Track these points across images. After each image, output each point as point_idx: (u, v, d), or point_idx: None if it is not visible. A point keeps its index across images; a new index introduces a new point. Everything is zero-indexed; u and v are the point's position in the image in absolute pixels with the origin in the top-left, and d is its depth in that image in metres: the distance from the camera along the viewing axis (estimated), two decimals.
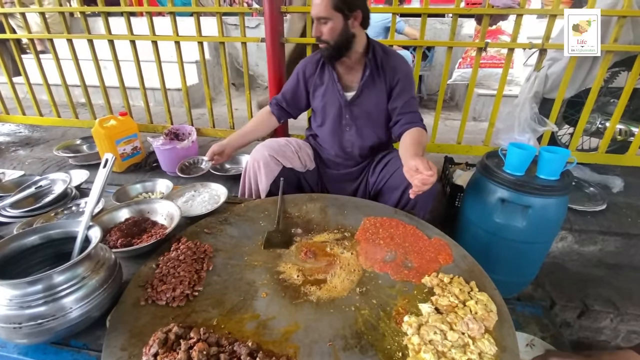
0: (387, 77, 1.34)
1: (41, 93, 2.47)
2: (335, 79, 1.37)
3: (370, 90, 1.36)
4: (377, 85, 1.35)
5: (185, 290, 0.80)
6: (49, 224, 0.81)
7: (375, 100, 1.37)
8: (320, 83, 1.42)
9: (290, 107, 1.51)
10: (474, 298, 0.80)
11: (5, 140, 2.57)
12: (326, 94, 1.41)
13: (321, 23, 1.23)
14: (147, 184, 1.33)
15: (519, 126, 1.70)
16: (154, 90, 3.21)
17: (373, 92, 1.36)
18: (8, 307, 0.65)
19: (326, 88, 1.40)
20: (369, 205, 1.24)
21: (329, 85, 1.40)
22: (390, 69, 1.34)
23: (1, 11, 2.15)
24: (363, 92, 1.36)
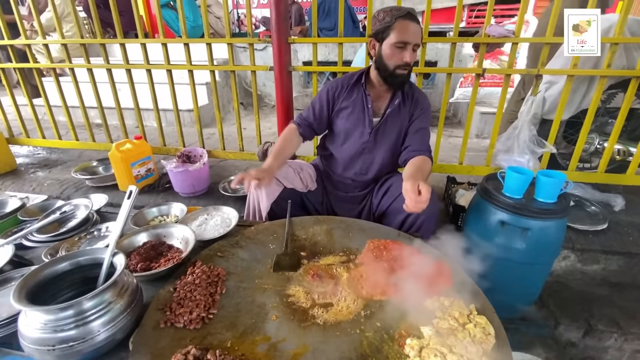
0: (411, 108, 1.42)
1: (58, 114, 2.60)
2: (368, 103, 1.41)
3: (395, 118, 1.42)
4: (402, 114, 1.42)
5: (201, 313, 0.85)
6: (77, 251, 0.88)
7: (398, 128, 1.43)
8: (346, 106, 1.45)
9: (318, 125, 1.51)
10: (473, 321, 0.84)
11: (25, 162, 2.69)
12: (352, 117, 1.45)
13: (414, 50, 1.28)
14: (163, 208, 1.41)
15: (518, 148, 1.75)
16: (166, 112, 3.35)
17: (397, 120, 1.43)
18: (42, 331, 0.71)
19: (352, 111, 1.44)
20: (373, 227, 1.29)
21: (356, 109, 1.44)
22: (414, 100, 1.43)
23: (26, 42, 2.30)
24: (388, 119, 1.42)
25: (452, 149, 2.82)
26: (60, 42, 2.23)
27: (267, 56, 1.89)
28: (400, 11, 1.26)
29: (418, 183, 1.11)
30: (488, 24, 1.62)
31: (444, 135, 3.40)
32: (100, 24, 2.11)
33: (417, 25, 1.27)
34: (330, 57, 4.61)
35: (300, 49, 4.64)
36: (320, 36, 4.39)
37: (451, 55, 1.75)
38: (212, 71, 2.10)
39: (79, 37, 2.21)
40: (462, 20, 4.48)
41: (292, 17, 4.75)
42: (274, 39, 1.79)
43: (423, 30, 1.29)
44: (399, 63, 1.29)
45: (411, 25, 1.25)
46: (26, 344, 0.71)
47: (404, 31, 1.25)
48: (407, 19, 1.25)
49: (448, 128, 3.61)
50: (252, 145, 2.30)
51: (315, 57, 1.89)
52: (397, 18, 1.25)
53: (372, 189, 1.56)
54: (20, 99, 2.64)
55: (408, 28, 1.25)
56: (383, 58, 1.31)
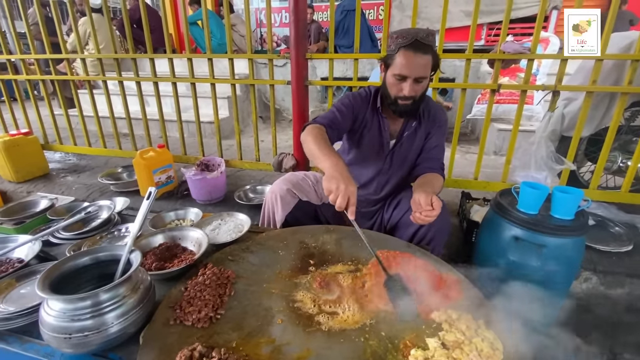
0: (427, 126, 1.40)
1: (89, 124, 2.77)
2: (385, 127, 1.39)
3: (411, 139, 1.41)
4: (419, 134, 1.40)
5: (209, 313, 0.88)
6: (97, 247, 0.93)
7: (414, 148, 1.42)
8: (365, 125, 1.41)
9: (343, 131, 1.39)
10: (481, 335, 0.83)
11: (57, 167, 2.86)
12: (369, 139, 1.42)
13: (418, 82, 1.21)
14: (180, 212, 1.47)
15: (535, 164, 1.72)
16: (189, 123, 3.49)
17: (413, 141, 1.41)
18: (61, 319, 0.75)
19: (371, 132, 1.41)
20: (383, 239, 1.29)
21: (374, 131, 1.41)
22: (430, 118, 1.39)
23: (66, 56, 2.50)
24: (405, 142, 1.41)
25: (469, 165, 2.78)
26: (96, 56, 2.40)
27: (287, 72, 1.96)
28: (405, 39, 1.16)
29: (431, 196, 1.10)
30: (503, 40, 1.63)
31: (461, 151, 3.36)
32: (132, 41, 2.28)
33: (423, 56, 1.17)
34: (347, 74, 4.71)
35: (319, 66, 4.76)
36: (339, 53, 4.51)
37: (466, 70, 1.76)
38: (233, 85, 2.20)
39: (113, 53, 2.38)
40: (480, 38, 4.49)
41: (312, 35, 4.91)
42: (292, 55, 1.87)
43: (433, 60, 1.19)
44: (398, 95, 1.25)
45: (414, 58, 1.17)
46: (45, 331, 0.75)
47: (404, 64, 1.18)
48: (411, 49, 1.16)
49: (465, 144, 3.57)
50: (268, 157, 2.36)
51: (331, 72, 1.95)
52: (401, 48, 1.17)
53: (383, 204, 1.56)
54: (56, 108, 2.84)
55: (409, 61, 1.17)
56: (386, 85, 1.29)
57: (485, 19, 4.35)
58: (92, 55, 2.44)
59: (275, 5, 5.68)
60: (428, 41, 1.17)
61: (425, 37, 1.16)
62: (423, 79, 1.22)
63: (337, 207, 0.98)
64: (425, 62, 1.18)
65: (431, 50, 1.19)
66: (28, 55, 2.57)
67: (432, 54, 1.19)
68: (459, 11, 4.33)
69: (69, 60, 2.56)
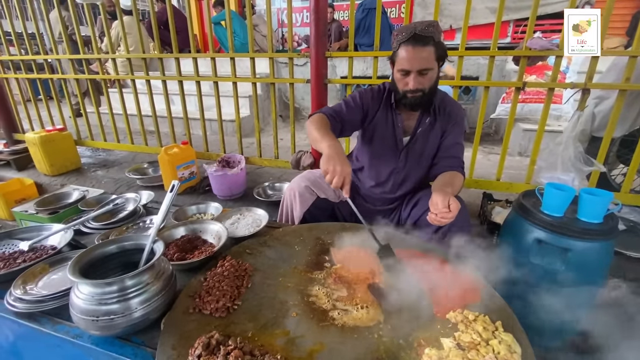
0: (443, 123, 1.38)
1: (118, 121, 2.91)
2: (399, 123, 1.38)
3: (426, 135, 1.39)
4: (434, 130, 1.38)
5: (227, 303, 0.90)
6: (123, 236, 0.98)
7: (430, 145, 1.40)
8: (378, 121, 1.41)
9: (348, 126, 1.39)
10: (498, 338, 0.81)
11: (88, 161, 3.02)
12: (382, 136, 1.42)
13: (422, 74, 1.22)
14: (201, 206, 1.52)
15: (562, 165, 1.65)
16: (211, 121, 3.59)
17: (429, 137, 1.39)
18: (90, 303, 0.80)
19: (384, 129, 1.41)
20: (402, 237, 1.27)
21: (387, 127, 1.40)
22: (446, 114, 1.37)
23: (97, 56, 2.63)
24: (419, 138, 1.39)
25: (492, 166, 2.70)
26: (125, 56, 2.51)
27: (307, 71, 1.98)
28: (404, 35, 1.19)
29: (449, 197, 1.09)
30: (530, 36, 1.57)
31: (483, 152, 3.27)
32: (160, 42, 2.36)
33: (423, 48, 1.18)
34: (368, 72, 4.68)
35: (339, 65, 4.76)
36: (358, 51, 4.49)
37: (489, 68, 1.71)
38: (254, 83, 2.24)
39: (141, 53, 2.48)
40: (506, 35, 4.34)
41: (332, 34, 4.91)
42: (312, 53, 1.88)
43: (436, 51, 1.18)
44: (405, 89, 1.26)
45: (413, 51, 1.18)
46: (75, 313, 0.80)
47: (405, 58, 1.21)
48: (410, 43, 1.18)
49: (488, 145, 3.47)
50: (287, 154, 2.39)
51: (350, 71, 1.95)
52: (401, 43, 1.21)
53: (400, 202, 1.55)
54: (88, 106, 2.99)
55: (409, 54, 1.19)
56: (394, 81, 1.31)
57: (512, 15, 4.20)
58: (122, 55, 2.56)
59: (297, 5, 5.72)
60: (428, 32, 1.17)
61: (425, 29, 1.17)
62: (427, 71, 1.21)
63: (333, 186, 1.07)
64: (427, 54, 1.19)
65: (432, 41, 1.18)
66: (63, 56, 2.71)
67: (434, 45, 1.19)
68: (484, 8, 4.20)
69: (101, 61, 2.70)
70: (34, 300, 0.92)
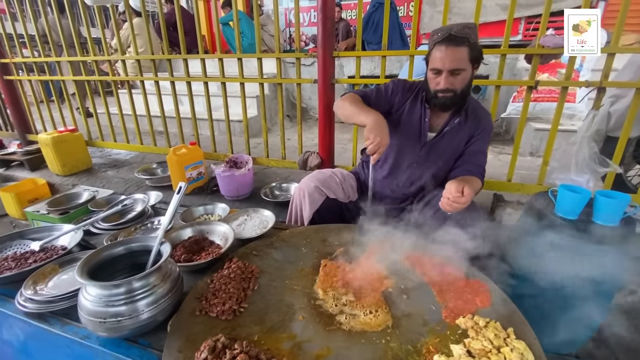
0: (472, 127, 1.37)
1: (128, 122, 2.94)
2: (426, 117, 1.38)
3: (452, 135, 1.38)
4: (461, 132, 1.37)
5: (233, 306, 0.90)
6: (131, 238, 0.98)
7: (454, 146, 1.39)
8: (405, 112, 1.41)
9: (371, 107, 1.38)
10: (510, 345, 0.79)
11: (99, 162, 3.06)
12: (407, 127, 1.41)
13: (454, 75, 1.23)
14: (208, 207, 1.52)
15: (576, 166, 1.61)
16: (219, 122, 3.61)
17: (455, 138, 1.38)
18: (97, 304, 0.80)
19: (409, 120, 1.41)
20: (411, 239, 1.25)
21: (414, 119, 1.40)
22: (476, 119, 1.37)
23: (107, 58, 2.66)
24: (445, 135, 1.38)
25: (503, 166, 2.64)
26: (134, 57, 2.54)
27: (314, 71, 1.96)
28: (439, 36, 1.22)
29: (463, 185, 1.09)
30: (542, 34, 1.53)
31: (494, 152, 3.21)
32: (168, 43, 2.38)
33: (456, 48, 1.19)
34: (375, 72, 4.64)
35: (346, 64, 4.73)
36: (367, 50, 4.45)
37: (500, 66, 1.68)
38: (261, 84, 2.23)
39: (150, 54, 2.50)
40: (517, 32, 4.25)
41: (340, 34, 4.89)
42: (319, 53, 1.87)
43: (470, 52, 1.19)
44: (436, 88, 1.27)
45: (446, 51, 1.19)
46: (83, 314, 0.81)
47: (437, 57, 1.23)
48: (444, 43, 1.20)
49: (499, 144, 3.41)
50: (294, 155, 2.39)
51: (358, 70, 1.94)
52: (435, 44, 1.23)
53: (410, 202, 1.53)
54: (99, 107, 3.03)
55: (442, 54, 1.21)
56: (427, 81, 1.31)
57: (524, 12, 4.11)
58: (131, 56, 2.59)
59: (304, 4, 5.71)
60: (463, 33, 1.18)
61: (460, 30, 1.18)
62: (460, 71, 1.22)
63: (368, 151, 1.18)
64: (460, 54, 1.19)
65: (467, 42, 1.19)
66: (74, 58, 2.75)
67: (468, 46, 1.19)
68: (494, 5, 4.13)
69: (111, 62, 2.73)
70: (44, 301, 0.93)
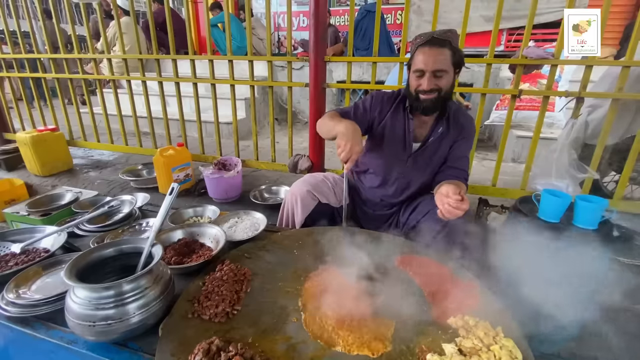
0: (454, 134, 1.38)
1: (112, 122, 2.86)
2: (410, 128, 1.38)
3: (437, 144, 1.39)
4: (444, 140, 1.39)
5: (226, 308, 0.89)
6: (122, 239, 0.96)
7: (438, 154, 1.41)
8: (388, 125, 1.41)
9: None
10: (499, 343, 0.81)
11: (80, 162, 2.97)
12: (394, 141, 1.42)
13: (437, 76, 1.23)
14: (198, 209, 1.50)
15: (556, 172, 1.68)
16: (207, 123, 3.57)
17: (439, 147, 1.40)
18: (86, 307, 0.77)
19: (394, 133, 1.41)
20: (403, 242, 1.27)
21: (398, 132, 1.40)
22: (458, 126, 1.38)
23: (93, 56, 2.59)
24: (429, 147, 1.39)
25: (487, 172, 2.73)
26: (121, 56, 2.49)
27: (304, 75, 1.98)
28: (422, 39, 1.24)
29: (460, 189, 1.10)
30: (526, 45, 1.60)
31: (478, 158, 3.31)
32: (156, 44, 2.34)
33: (439, 49, 1.21)
34: (364, 77, 4.71)
35: (335, 69, 4.79)
36: (355, 56, 4.51)
37: (486, 76, 1.74)
38: (252, 86, 2.23)
39: (138, 54, 2.46)
40: (500, 43, 4.42)
41: (328, 39, 4.94)
42: (311, 57, 1.89)
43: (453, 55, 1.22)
44: (418, 89, 1.27)
45: (430, 52, 1.21)
46: (71, 318, 0.78)
47: (420, 59, 1.23)
48: (427, 45, 1.22)
49: (482, 151, 3.51)
50: (284, 158, 2.39)
51: (349, 75, 1.96)
52: (418, 47, 1.24)
53: (399, 207, 1.55)
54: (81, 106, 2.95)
55: (425, 55, 1.22)
56: (409, 85, 1.33)
57: (506, 24, 4.28)
58: (118, 55, 2.53)
59: (293, 9, 5.74)
60: (445, 37, 1.21)
61: (443, 34, 1.21)
62: (442, 72, 1.22)
63: (341, 159, 1.14)
64: (443, 56, 1.21)
65: (449, 44, 1.21)
66: (57, 55, 2.67)
67: (450, 49, 1.21)
68: (478, 16, 4.27)
69: (96, 61, 2.66)
70: (28, 305, 0.89)
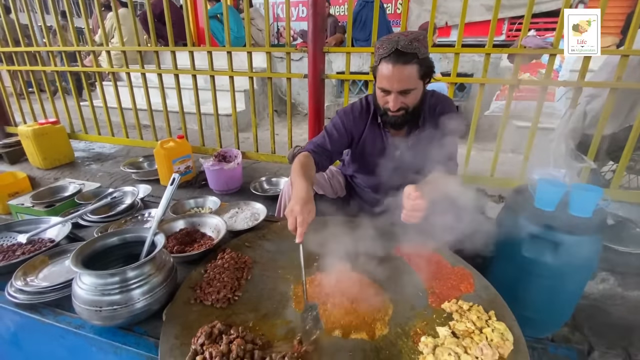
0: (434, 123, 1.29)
1: (112, 115, 2.88)
2: (388, 140, 1.35)
3: (418, 144, 1.33)
4: (424, 136, 1.32)
5: (228, 294, 0.92)
6: (125, 228, 0.99)
7: (421, 152, 1.35)
8: (370, 139, 1.38)
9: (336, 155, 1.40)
10: (491, 326, 0.84)
11: (82, 155, 2.99)
12: (376, 152, 1.39)
13: (404, 95, 1.15)
14: (199, 200, 1.52)
15: (554, 162, 1.69)
16: (207, 115, 3.57)
17: (422, 144, 1.34)
18: (93, 293, 0.81)
19: (375, 146, 1.38)
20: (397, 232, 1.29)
21: (378, 144, 1.38)
22: (436, 116, 1.30)
23: (91, 49, 2.59)
24: (411, 149, 1.35)
25: (485, 162, 2.73)
26: (120, 48, 2.48)
27: (302, 66, 1.98)
28: (386, 50, 1.09)
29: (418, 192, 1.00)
30: (525, 35, 1.60)
31: (477, 148, 3.31)
32: (155, 35, 2.34)
33: (405, 66, 1.08)
34: (364, 68, 4.68)
35: (334, 60, 4.76)
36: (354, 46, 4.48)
37: (485, 65, 1.74)
38: (251, 78, 2.23)
39: (137, 46, 2.46)
40: (501, 33, 4.37)
41: (328, 29, 4.89)
42: (310, 48, 1.89)
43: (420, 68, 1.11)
44: (386, 107, 1.19)
45: (394, 70, 1.09)
46: (78, 304, 0.81)
47: (384, 76, 1.12)
48: (391, 60, 1.08)
49: (482, 142, 3.51)
50: (283, 149, 2.40)
51: (348, 66, 1.96)
52: (382, 59, 1.11)
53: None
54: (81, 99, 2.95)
55: (389, 73, 1.10)
56: (375, 97, 1.24)
57: (507, 13, 4.24)
58: (117, 47, 2.53)
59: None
60: (410, 49, 1.07)
61: (408, 45, 1.07)
62: (409, 90, 1.13)
63: (289, 228, 1.01)
64: (409, 72, 1.10)
65: (415, 58, 1.09)
66: (56, 48, 2.67)
67: (417, 63, 1.10)
68: (479, 5, 4.23)
69: (95, 54, 2.66)
70: (35, 292, 0.92)
